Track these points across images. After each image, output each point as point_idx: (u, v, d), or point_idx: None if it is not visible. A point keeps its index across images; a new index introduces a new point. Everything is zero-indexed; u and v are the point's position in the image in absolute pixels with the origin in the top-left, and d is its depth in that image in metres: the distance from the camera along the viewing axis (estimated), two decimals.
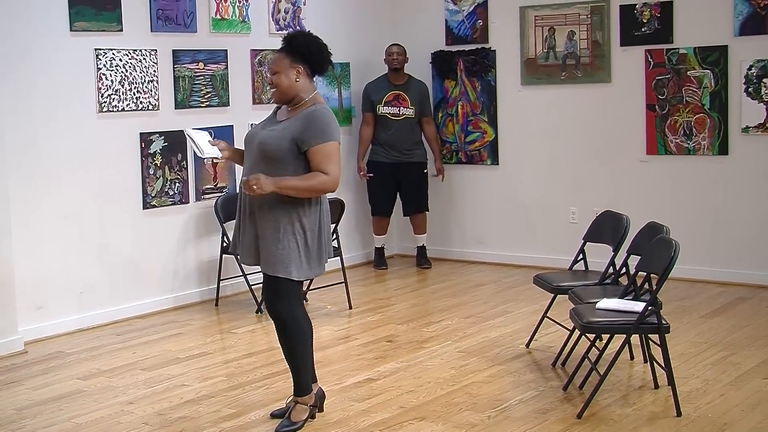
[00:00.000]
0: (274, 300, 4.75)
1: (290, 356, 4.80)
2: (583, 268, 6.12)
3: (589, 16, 8.31)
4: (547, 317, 6.10)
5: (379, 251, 9.04)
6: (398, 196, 8.93)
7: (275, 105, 4.93)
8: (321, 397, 5.01)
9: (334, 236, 7.32)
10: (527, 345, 6.19)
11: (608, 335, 5.21)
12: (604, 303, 5.04)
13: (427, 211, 8.96)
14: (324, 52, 4.82)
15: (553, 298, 6.03)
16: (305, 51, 4.74)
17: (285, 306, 4.73)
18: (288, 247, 4.61)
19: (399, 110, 8.68)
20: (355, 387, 5.46)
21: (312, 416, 4.86)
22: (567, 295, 5.64)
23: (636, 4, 8.04)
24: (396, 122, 8.69)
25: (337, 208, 7.32)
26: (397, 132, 8.70)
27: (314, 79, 4.82)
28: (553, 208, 8.66)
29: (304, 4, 8.51)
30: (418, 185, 8.84)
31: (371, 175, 8.85)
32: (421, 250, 9.00)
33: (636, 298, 5.16)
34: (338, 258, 7.37)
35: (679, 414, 4.84)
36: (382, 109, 8.70)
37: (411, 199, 8.87)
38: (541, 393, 5.28)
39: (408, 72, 8.84)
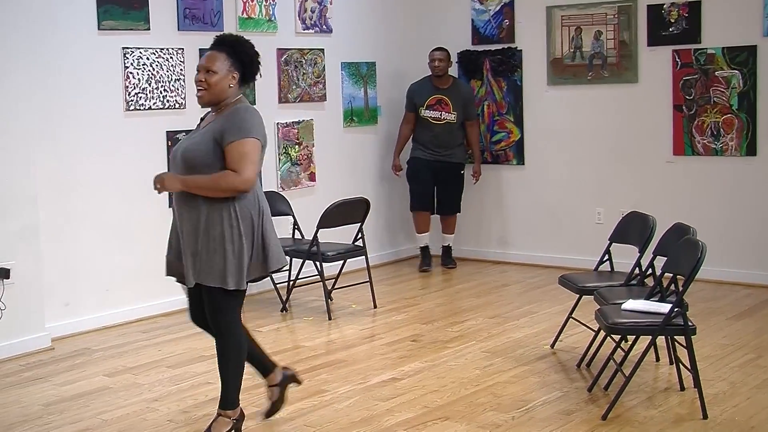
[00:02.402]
0: (212, 312, 4.53)
1: (222, 368, 4.60)
2: (609, 269, 6.10)
3: (616, 15, 8.27)
4: (572, 318, 6.08)
5: (424, 250, 8.95)
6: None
7: (202, 116, 4.70)
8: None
9: (359, 235, 7.34)
10: (552, 345, 6.17)
11: (634, 336, 5.19)
12: (630, 304, 5.02)
13: (459, 212, 8.92)
14: (259, 63, 4.65)
15: (579, 299, 6.01)
16: (246, 59, 4.55)
17: (223, 319, 4.53)
18: (222, 256, 4.38)
19: (441, 114, 8.64)
20: (379, 386, 5.46)
21: (237, 429, 4.65)
22: (592, 296, 5.61)
23: (664, 4, 8.00)
24: (437, 126, 8.66)
25: (362, 206, 7.33)
26: (438, 136, 8.66)
27: None
28: (578, 208, 8.63)
29: (331, 3, 8.52)
30: (454, 186, 8.80)
31: (399, 172, 8.87)
32: (447, 249, 8.98)
33: (662, 300, 5.13)
34: (363, 257, 7.39)
35: (705, 417, 4.81)
36: (424, 113, 8.67)
37: (445, 199, 8.82)
38: (566, 394, 5.26)
39: (452, 75, 8.79)
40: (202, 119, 4.66)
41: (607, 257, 6.09)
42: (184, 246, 4.48)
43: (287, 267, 4.75)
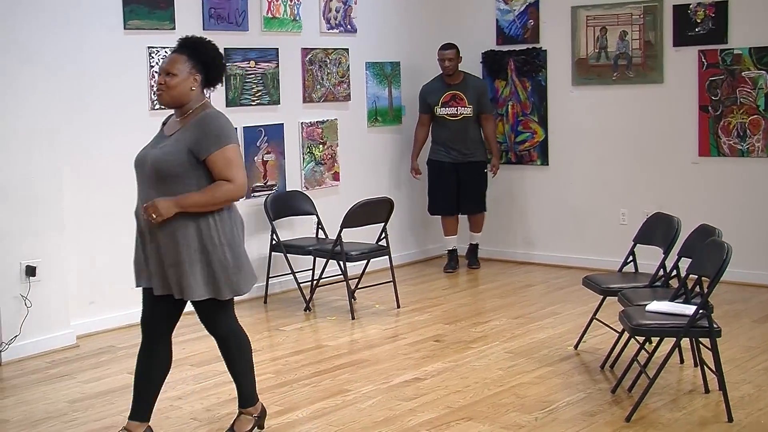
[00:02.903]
0: (211, 323, 4.52)
1: (233, 370, 4.63)
2: (633, 270, 6.07)
3: (641, 16, 8.23)
4: (596, 319, 6.06)
5: (451, 253, 8.93)
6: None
7: (164, 119, 4.61)
8: (263, 412, 4.80)
9: (383, 235, 7.34)
10: (576, 346, 6.15)
11: (658, 338, 5.17)
12: (654, 305, 5.00)
13: (485, 210, 8.87)
14: (223, 65, 4.56)
15: (603, 300, 5.99)
16: (209, 60, 4.44)
17: (222, 324, 4.53)
18: (207, 266, 4.31)
19: (457, 110, 8.62)
20: (402, 386, 5.46)
21: (260, 426, 4.71)
22: (616, 297, 5.59)
23: (690, 4, 7.96)
24: (455, 122, 8.63)
25: (386, 206, 7.33)
26: (457, 132, 8.63)
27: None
28: (603, 209, 8.60)
29: (356, 2, 8.52)
30: (478, 185, 8.74)
31: (419, 175, 8.85)
32: (473, 248, 8.93)
33: (687, 301, 5.11)
34: (386, 257, 7.39)
35: (730, 420, 4.78)
36: (440, 111, 8.65)
37: (470, 198, 8.76)
38: (590, 395, 5.24)
39: (463, 70, 8.77)
40: (164, 123, 4.57)
41: (631, 258, 6.07)
42: (160, 258, 4.34)
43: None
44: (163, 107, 4.58)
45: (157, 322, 4.55)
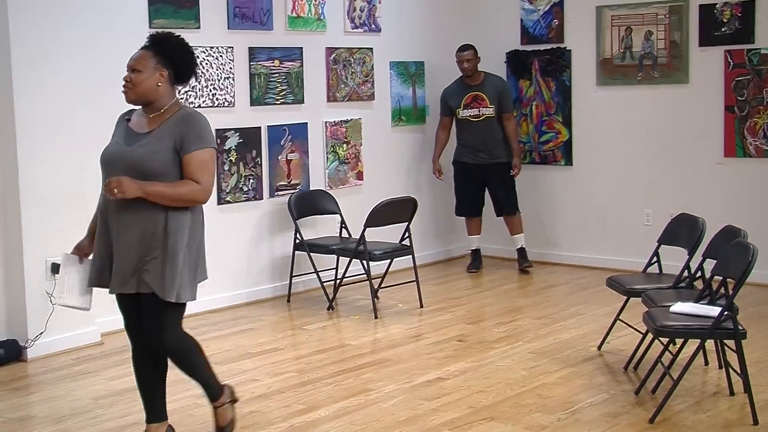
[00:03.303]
0: (158, 330, 4.31)
1: (192, 374, 4.52)
2: (657, 271, 6.05)
3: (667, 15, 8.19)
4: (620, 320, 6.04)
5: (475, 253, 8.91)
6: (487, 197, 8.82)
7: (123, 116, 4.47)
8: (231, 390, 4.73)
9: (406, 234, 7.34)
10: (599, 347, 6.13)
11: (682, 340, 5.14)
12: (679, 307, 4.98)
13: (518, 211, 8.73)
14: (193, 61, 4.40)
15: (626, 301, 5.97)
16: (175, 55, 4.31)
17: (167, 333, 4.33)
18: (176, 267, 4.18)
19: (479, 111, 8.59)
20: (424, 386, 5.46)
21: (233, 401, 4.67)
22: (640, 298, 5.56)
23: (716, 4, 7.91)
24: (478, 123, 8.59)
25: (410, 206, 7.33)
26: (480, 133, 8.59)
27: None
28: (627, 209, 8.56)
29: (380, 2, 8.53)
30: (506, 186, 8.67)
31: (442, 176, 8.85)
32: (521, 251, 8.76)
33: (711, 303, 5.08)
34: (410, 256, 7.39)
35: (755, 423, 4.75)
36: (462, 113, 8.62)
37: (499, 200, 8.71)
38: (613, 396, 5.22)
39: (483, 70, 8.75)
40: (126, 120, 4.41)
41: (655, 259, 6.04)
42: (125, 255, 4.20)
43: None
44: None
45: (136, 323, 4.41)
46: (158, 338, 4.33)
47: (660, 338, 5.25)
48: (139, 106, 4.37)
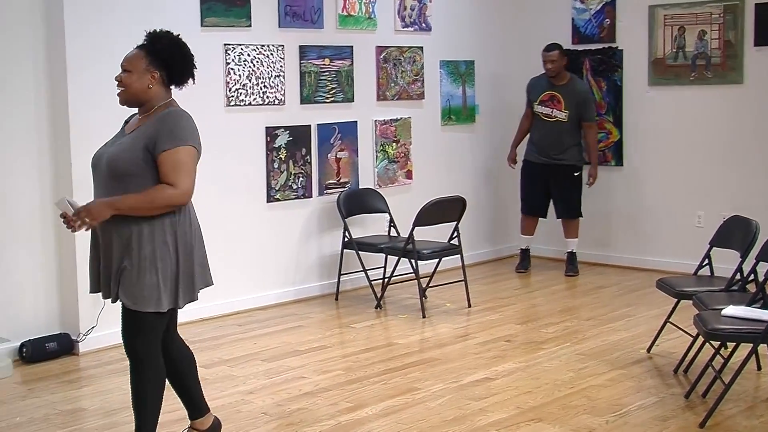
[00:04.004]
0: (131, 335, 4.12)
1: (139, 403, 4.21)
2: (709, 274, 5.98)
3: (721, 15, 8.09)
4: (670, 322, 5.98)
5: (524, 252, 8.88)
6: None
7: (127, 118, 4.33)
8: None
9: (455, 234, 7.33)
10: (648, 350, 6.07)
11: (734, 343, 5.08)
12: (731, 310, 4.91)
13: (580, 216, 8.63)
14: (188, 63, 4.21)
15: (677, 303, 5.91)
16: (167, 56, 4.13)
17: (142, 343, 4.12)
18: (154, 275, 3.98)
19: (552, 111, 8.51)
20: (472, 386, 5.45)
21: None
22: (691, 301, 5.50)
23: None
24: (548, 123, 8.51)
25: (458, 205, 7.31)
26: (548, 133, 8.50)
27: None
28: (678, 211, 8.47)
29: (431, 1, 8.51)
30: (568, 189, 8.55)
31: (515, 165, 8.81)
32: (570, 256, 8.66)
33: (764, 307, 5.02)
34: (458, 256, 7.37)
35: None
36: (537, 108, 8.56)
37: (560, 202, 8.63)
38: (662, 399, 5.17)
39: (572, 74, 8.63)
40: (126, 122, 4.29)
41: (707, 262, 5.98)
42: (106, 261, 4.07)
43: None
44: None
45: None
46: (131, 343, 4.14)
47: (711, 342, 5.19)
48: (134, 108, 4.21)
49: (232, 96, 7.12)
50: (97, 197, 4.05)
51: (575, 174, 8.54)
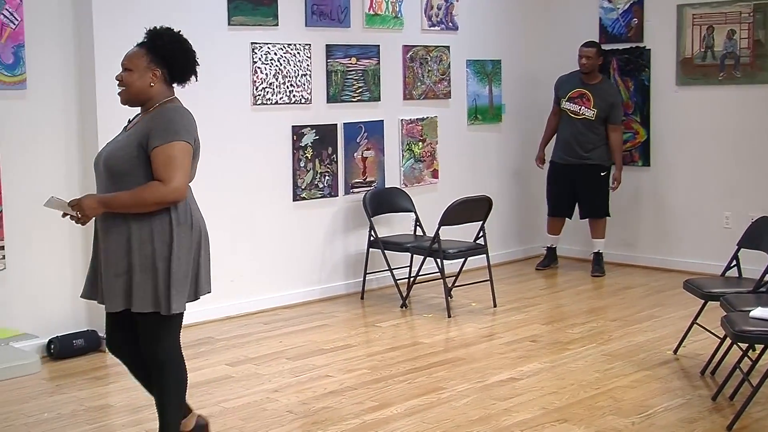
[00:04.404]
0: (149, 341, 4.05)
1: (164, 404, 4.15)
2: (737, 275, 5.94)
3: (751, 14, 8.04)
4: (697, 324, 5.94)
5: (549, 250, 8.88)
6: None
7: (130, 119, 4.22)
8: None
9: (480, 233, 7.32)
10: (675, 351, 6.04)
11: (762, 345, 5.04)
12: (759, 312, 4.87)
13: (608, 216, 8.59)
14: (190, 60, 4.11)
15: (704, 305, 5.86)
16: (168, 54, 4.03)
17: (161, 347, 4.06)
18: (155, 277, 3.92)
19: (580, 109, 8.48)
20: (497, 386, 5.44)
21: None
22: (718, 302, 5.46)
23: None
24: (575, 121, 8.47)
25: (484, 205, 7.30)
26: (575, 131, 8.47)
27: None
28: (705, 212, 8.42)
29: (457, 0, 8.50)
30: (594, 188, 8.51)
31: (543, 165, 8.79)
32: (596, 256, 8.62)
33: None
34: (484, 255, 7.36)
35: None
36: (565, 104, 8.54)
37: (585, 202, 8.58)
38: (689, 401, 5.14)
39: (603, 75, 8.63)
40: (129, 121, 4.19)
41: (734, 263, 5.94)
42: (105, 266, 3.99)
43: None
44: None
45: (129, 340, 4.17)
46: (150, 349, 4.07)
47: (739, 343, 5.16)
48: (137, 107, 4.13)
49: (259, 95, 7.14)
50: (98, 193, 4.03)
51: (602, 174, 8.50)
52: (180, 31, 4.19)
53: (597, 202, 8.55)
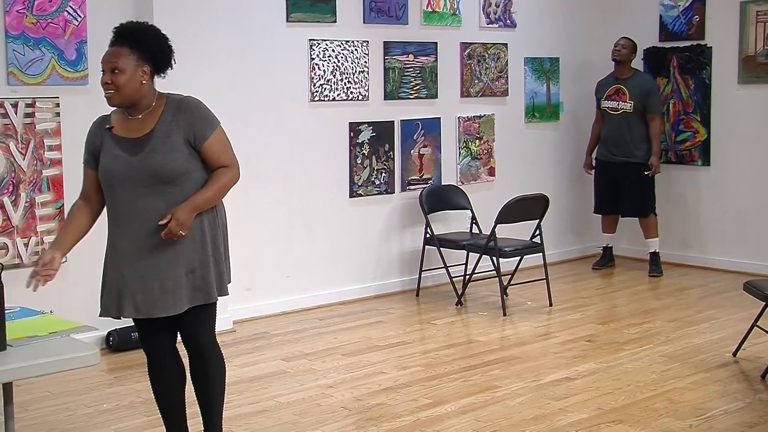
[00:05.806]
0: (198, 332, 4.02)
1: (209, 394, 4.12)
2: None
3: None
4: (757, 326, 5.85)
5: (605, 250, 8.84)
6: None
7: (100, 125, 4.02)
8: None
9: (537, 231, 7.28)
10: (734, 354, 5.96)
11: None
12: None
13: (654, 214, 8.49)
14: (170, 49, 3.98)
15: (765, 306, 5.77)
16: (155, 49, 3.90)
17: (208, 336, 4.05)
18: (218, 263, 3.97)
19: (618, 104, 8.46)
20: (552, 385, 5.41)
21: None
22: None
23: None
24: (615, 117, 8.46)
25: (541, 203, 7.26)
26: (616, 127, 8.45)
27: None
28: (766, 212, 8.29)
29: None
30: (635, 187, 8.42)
31: (592, 171, 8.76)
32: (653, 256, 8.52)
33: None
34: (540, 254, 7.32)
35: None
36: (604, 104, 8.53)
37: (627, 200, 8.50)
38: (749, 405, 5.07)
39: (635, 68, 8.59)
40: (109, 128, 3.96)
41: None
42: (172, 268, 3.86)
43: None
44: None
45: (164, 342, 4.12)
46: (196, 340, 4.03)
47: None
48: (118, 110, 3.98)
49: (317, 91, 7.17)
50: (141, 209, 3.85)
51: (645, 173, 8.42)
52: (152, 24, 4.09)
53: (638, 200, 8.47)
